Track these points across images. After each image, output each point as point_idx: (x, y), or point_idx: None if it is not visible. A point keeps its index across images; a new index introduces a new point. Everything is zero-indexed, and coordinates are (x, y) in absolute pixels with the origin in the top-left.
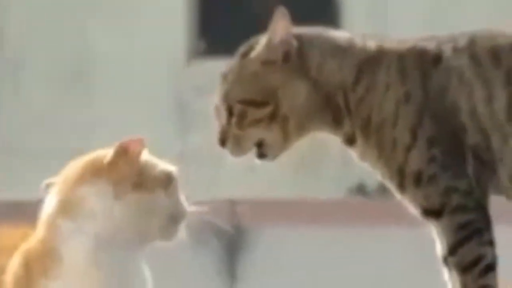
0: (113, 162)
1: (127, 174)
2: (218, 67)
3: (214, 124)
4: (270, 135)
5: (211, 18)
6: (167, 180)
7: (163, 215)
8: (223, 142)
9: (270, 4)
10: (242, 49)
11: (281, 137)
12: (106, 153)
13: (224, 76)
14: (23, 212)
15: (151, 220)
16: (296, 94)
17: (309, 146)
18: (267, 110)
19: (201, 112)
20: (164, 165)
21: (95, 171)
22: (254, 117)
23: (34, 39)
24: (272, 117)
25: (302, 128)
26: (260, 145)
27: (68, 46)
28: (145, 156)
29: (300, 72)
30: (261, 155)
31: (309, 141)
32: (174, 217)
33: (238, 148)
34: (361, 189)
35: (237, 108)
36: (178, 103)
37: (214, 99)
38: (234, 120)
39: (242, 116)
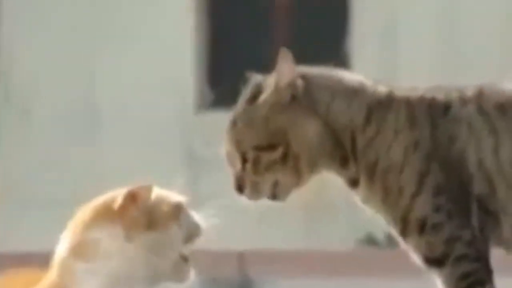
0: (123, 208)
1: (137, 218)
2: (227, 117)
3: (224, 172)
4: (284, 176)
5: (220, 69)
6: (177, 212)
7: (177, 246)
8: (240, 188)
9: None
10: (246, 93)
11: (294, 176)
12: (116, 196)
13: (233, 124)
14: (28, 262)
15: (166, 255)
16: (304, 132)
17: (318, 197)
18: (279, 151)
19: (210, 161)
20: (172, 197)
21: (106, 215)
22: (268, 160)
23: (41, 87)
24: (285, 158)
25: (314, 165)
26: (274, 187)
27: (76, 94)
28: (155, 193)
29: (307, 110)
30: (273, 196)
31: (317, 193)
32: (190, 238)
33: (256, 193)
34: (370, 240)
35: (251, 154)
36: (187, 152)
37: (224, 145)
38: (249, 166)
39: (256, 162)
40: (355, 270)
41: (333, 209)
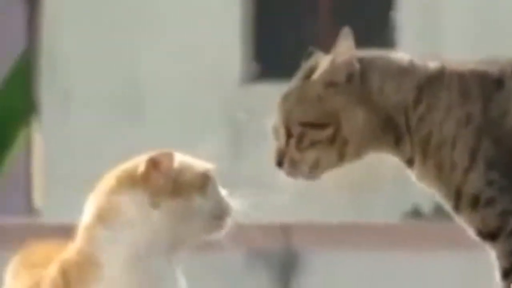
0: (146, 175)
1: (161, 185)
2: (272, 90)
3: (268, 147)
4: (326, 156)
5: (265, 41)
6: (203, 181)
7: (203, 217)
8: (279, 163)
9: (323, 29)
10: (303, 70)
11: (336, 159)
12: (139, 163)
13: (285, 98)
14: (68, 233)
15: (191, 224)
16: (357, 118)
17: (363, 170)
18: (327, 132)
19: (254, 135)
20: (199, 166)
21: (129, 182)
22: (313, 139)
23: (84, 68)
24: (332, 140)
25: (360, 151)
26: (315, 166)
27: (118, 72)
28: (179, 160)
29: (361, 95)
30: (310, 175)
31: (363, 165)
32: (218, 215)
33: (294, 170)
34: (416, 213)
35: (297, 129)
36: (231, 125)
37: (272, 119)
38: (292, 141)
39: (301, 138)
40: (401, 243)
41: (379, 181)
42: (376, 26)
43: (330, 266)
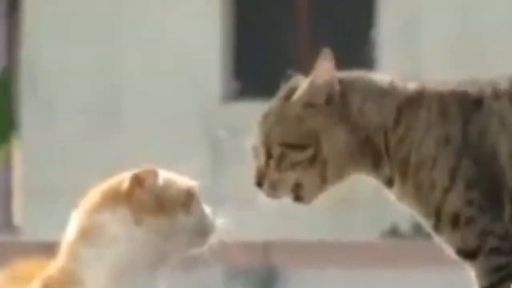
0: (130, 192)
1: (144, 202)
2: (251, 108)
3: (248, 165)
4: (308, 178)
5: (245, 60)
6: (187, 198)
7: (187, 234)
8: (259, 183)
9: (303, 47)
10: (283, 91)
11: (319, 181)
12: (123, 180)
13: (265, 117)
14: (49, 251)
15: (174, 241)
16: (336, 139)
17: (342, 188)
18: (307, 153)
19: (235, 153)
20: (183, 183)
21: (113, 199)
22: (293, 160)
23: (65, 80)
24: (312, 161)
25: (341, 173)
26: (296, 188)
27: (100, 87)
28: (163, 177)
29: (341, 116)
30: (297, 198)
31: (342, 184)
32: (201, 232)
33: (274, 191)
34: (394, 231)
35: (277, 150)
36: (211, 143)
37: (252, 139)
38: (272, 162)
39: (281, 159)
40: (379, 261)
41: (358, 200)
42: (356, 44)
43: (309, 284)
